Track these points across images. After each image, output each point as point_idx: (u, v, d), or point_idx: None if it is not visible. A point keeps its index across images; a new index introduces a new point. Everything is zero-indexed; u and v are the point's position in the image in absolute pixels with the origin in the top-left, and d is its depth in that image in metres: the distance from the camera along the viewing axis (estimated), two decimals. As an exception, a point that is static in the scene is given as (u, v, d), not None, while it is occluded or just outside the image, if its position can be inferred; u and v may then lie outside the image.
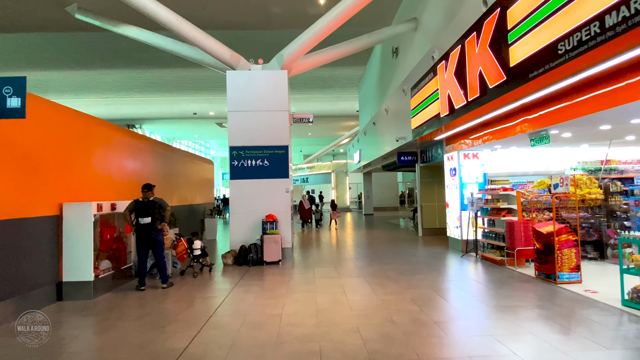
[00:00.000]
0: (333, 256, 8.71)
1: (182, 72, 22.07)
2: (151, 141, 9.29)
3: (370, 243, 10.69)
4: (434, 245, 9.98)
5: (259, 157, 8.41)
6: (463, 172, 8.95)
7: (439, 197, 11.79)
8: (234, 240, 8.30)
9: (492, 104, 5.96)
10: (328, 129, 32.01)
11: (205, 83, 24.41)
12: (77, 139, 6.03)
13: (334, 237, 12.37)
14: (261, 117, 8.47)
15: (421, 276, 6.51)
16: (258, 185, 8.38)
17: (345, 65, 23.47)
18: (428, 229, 11.72)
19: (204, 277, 6.92)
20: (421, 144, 11.24)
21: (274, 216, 8.19)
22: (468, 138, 8.41)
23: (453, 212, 9.28)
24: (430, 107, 8.24)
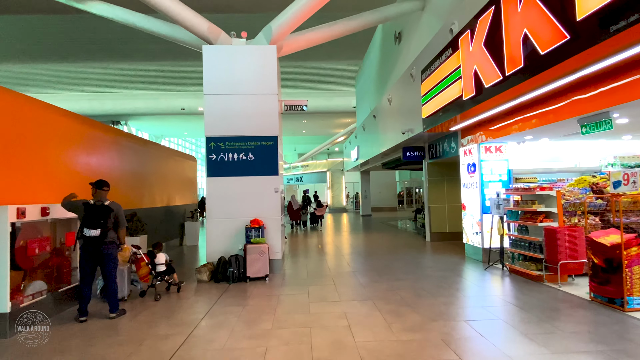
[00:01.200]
0: (331, 268, 7.23)
1: (169, 65, 20.68)
2: (114, 131, 7.72)
3: (373, 250, 9.23)
4: (446, 253, 8.54)
5: (242, 149, 6.90)
6: (484, 168, 7.52)
7: (449, 197, 10.36)
8: (211, 250, 6.78)
9: (539, 78, 4.53)
10: (323, 126, 30.60)
11: (193, 77, 22.97)
12: None
13: (330, 243, 10.88)
14: (245, 102, 6.95)
15: (445, 299, 5.05)
16: (241, 183, 6.87)
17: (341, 59, 22.18)
18: (437, 233, 10.29)
19: (170, 299, 5.40)
20: (429, 138, 9.81)
21: (260, 221, 6.69)
22: (492, 127, 6.98)
23: (471, 216, 7.85)
24: (448, 90, 6.80)
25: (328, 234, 13.21)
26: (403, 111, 9.93)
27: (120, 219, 4.66)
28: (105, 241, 4.56)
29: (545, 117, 5.51)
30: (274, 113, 7.00)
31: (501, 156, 7.56)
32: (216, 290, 5.83)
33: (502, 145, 7.57)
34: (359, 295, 5.31)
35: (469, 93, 6.01)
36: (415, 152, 10.45)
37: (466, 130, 7.99)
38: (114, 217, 4.62)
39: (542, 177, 7.79)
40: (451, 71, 6.63)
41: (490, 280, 6.12)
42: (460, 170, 8.26)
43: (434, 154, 9.95)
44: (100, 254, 4.62)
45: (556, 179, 7.65)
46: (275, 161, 6.94)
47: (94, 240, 4.51)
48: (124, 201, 7.64)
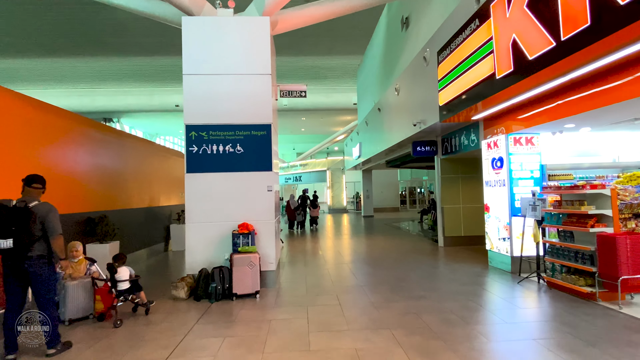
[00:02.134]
0: (334, 280, 6.07)
1: (163, 60, 19.59)
2: (80, 120, 6.55)
3: (380, 257, 8.07)
4: (465, 261, 7.40)
5: (228, 140, 5.74)
6: (513, 163, 6.38)
7: (465, 196, 9.22)
8: (191, 261, 5.62)
9: (611, 39, 3.39)
10: (322, 124, 29.48)
11: None
12: None
13: (332, 248, 9.72)
14: (232, 84, 5.80)
15: (481, 326, 3.91)
16: (227, 181, 5.72)
17: (341, 54, 21.09)
18: (451, 237, 9.14)
19: (134, 325, 4.24)
20: (443, 130, 8.67)
21: (250, 226, 5.53)
22: (522, 115, 5.86)
23: (497, 218, 6.70)
24: (474, 70, 5.65)
25: (328, 237, 12.05)
26: (413, 101, 8.78)
27: (49, 225, 3.47)
28: (28, 255, 3.39)
29: (603, 97, 4.38)
30: (267, 97, 5.84)
31: (533, 149, 6.42)
32: (194, 312, 4.67)
33: (533, 137, 6.44)
34: (372, 322, 4.15)
35: (504, 69, 4.86)
36: (427, 147, 9.30)
37: (490, 120, 6.85)
38: (40, 222, 3.45)
39: (577, 173, 6.67)
40: (478, 46, 5.49)
41: (528, 297, 4.97)
42: (483, 166, 7.11)
43: (448, 149, 8.80)
44: (23, 273, 3.46)
45: (594, 175, 6.53)
46: (268, 154, 5.79)
47: (11, 253, 3.34)
48: (93, 202, 6.53)
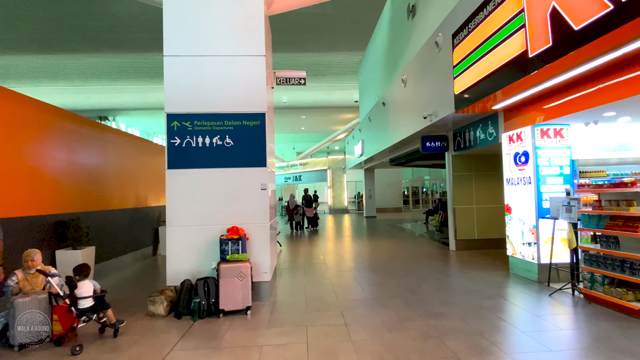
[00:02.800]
0: (338, 292, 5.28)
1: (158, 56, 18.83)
2: (49, 109, 5.76)
3: (388, 263, 7.28)
4: (483, 267, 6.60)
5: (216, 131, 4.95)
6: (541, 158, 5.59)
7: (479, 196, 8.43)
8: (173, 270, 4.84)
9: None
10: (323, 123, 28.73)
11: None
12: None
13: (334, 251, 8.93)
14: (221, 67, 5.01)
15: (523, 355, 3.12)
16: (214, 178, 4.93)
17: (342, 50, 20.44)
18: (464, 240, 8.35)
19: (99, 350, 3.45)
20: (455, 124, 7.89)
21: (240, 230, 4.74)
22: (551, 104, 5.08)
23: (520, 221, 5.91)
24: (500, 49, 4.86)
25: (330, 239, 11.25)
26: (423, 91, 7.99)
27: None
28: None
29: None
30: (261, 82, 5.05)
31: (562, 142, 5.64)
32: (173, 333, 3.88)
33: (563, 128, 5.65)
34: (386, 349, 3.36)
35: (539, 45, 4.07)
36: (437, 142, 8.51)
37: (512, 111, 6.06)
38: None
39: (611, 169, 5.88)
40: (505, 22, 4.70)
41: (566, 315, 4.18)
42: (503, 162, 6.32)
43: (460, 144, 8.01)
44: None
45: (630, 172, 5.74)
46: (261, 147, 5.00)
47: None
48: (65, 202, 5.74)
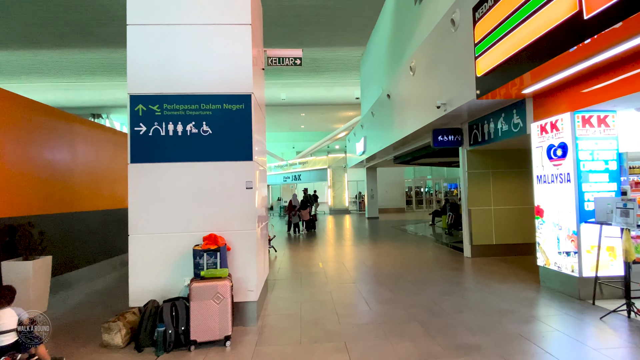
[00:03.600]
0: (340, 313, 4.33)
1: None
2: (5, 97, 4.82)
3: (397, 273, 6.33)
4: (507, 279, 5.65)
5: (191, 117, 4.01)
6: (582, 151, 4.65)
7: (497, 196, 7.48)
8: (136, 289, 3.89)
9: None
10: (323, 121, 27.82)
11: None
12: None
13: (335, 258, 7.99)
14: (197, 38, 4.07)
15: None
16: (188, 174, 3.98)
17: (343, 45, 19.55)
18: (480, 246, 7.40)
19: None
20: (470, 115, 6.95)
21: (219, 239, 3.80)
22: (593, 87, 4.14)
23: (556, 226, 4.96)
24: (540, 16, 3.90)
25: (330, 243, 10.30)
26: (436, 78, 7.04)
27: None
28: None
29: None
30: (246, 57, 4.10)
31: (608, 132, 4.69)
32: (124, 377, 2.94)
33: (608, 116, 4.71)
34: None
35: (601, 2, 3.13)
36: (450, 135, 7.56)
37: (545, 95, 5.12)
38: None
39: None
40: (548, -20, 3.75)
41: (630, 346, 3.23)
42: (533, 157, 5.37)
43: (477, 138, 7.06)
44: None
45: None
46: (246, 137, 4.05)
47: None
48: (13, 203, 4.80)
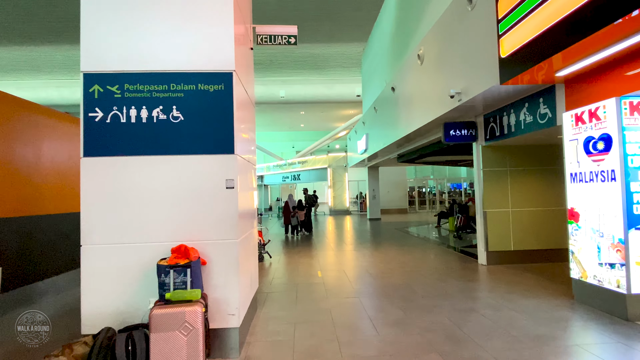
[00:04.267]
0: (341, 340, 3.56)
1: None
2: None
3: (406, 285, 5.55)
4: (531, 292, 4.87)
5: (158, 100, 3.24)
6: (630, 144, 3.88)
7: (516, 197, 6.71)
8: (89, 313, 3.12)
9: None
10: (323, 119, 27.10)
11: None
12: None
13: (335, 266, 7.22)
14: (166, 3, 3.29)
15: None
16: (154, 171, 3.21)
17: (343, 41, 18.91)
18: (497, 252, 6.63)
19: None
20: (486, 106, 6.19)
21: (191, 251, 3.02)
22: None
23: (597, 232, 4.18)
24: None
25: (330, 247, 9.53)
26: (448, 65, 6.26)
27: None
28: None
29: None
30: (227, 28, 3.33)
31: (660, 121, 3.92)
32: None
33: (661, 102, 3.94)
34: None
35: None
36: (463, 130, 6.79)
37: (580, 80, 4.36)
38: None
39: None
40: None
41: None
42: (566, 151, 4.60)
43: (494, 132, 6.29)
44: None
45: None
46: (227, 124, 3.27)
47: None
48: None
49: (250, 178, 4.10)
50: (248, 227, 3.79)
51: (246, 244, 3.68)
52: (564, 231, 5.33)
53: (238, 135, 3.37)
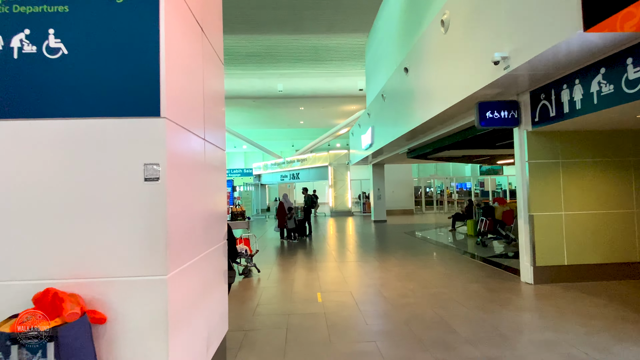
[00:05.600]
0: None
1: None
2: None
3: (440, 320, 4.05)
4: (617, 328, 3.37)
5: (23, 21, 1.74)
6: None
7: (571, 198, 5.20)
8: None
9: None
10: (324, 115, 25.63)
11: None
12: None
13: (338, 286, 5.72)
14: None
15: None
16: (10, 148, 1.71)
17: (345, 31, 17.51)
18: (547, 268, 5.12)
19: None
20: (533, 81, 4.70)
21: (68, 301, 1.53)
22: None
23: None
24: None
25: (331, 258, 8.03)
26: (487, 24, 4.74)
27: None
28: None
29: None
30: None
31: None
32: None
33: None
34: None
35: None
36: (503, 111, 5.28)
37: None
38: None
39: None
40: None
41: None
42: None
43: (548, 112, 4.78)
44: None
45: None
46: (147, 64, 1.77)
47: None
48: None
49: (211, 168, 2.60)
50: (199, 249, 2.28)
51: (195, 277, 2.17)
52: (638, 240, 3.84)
53: (172, 83, 1.87)
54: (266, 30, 17.70)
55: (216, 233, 2.75)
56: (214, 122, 2.72)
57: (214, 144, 2.68)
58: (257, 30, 17.84)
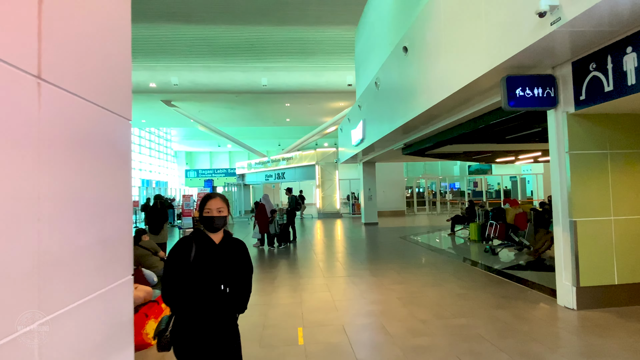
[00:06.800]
0: None
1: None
2: None
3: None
4: None
5: None
6: None
7: (623, 199, 4.07)
8: None
9: None
10: (311, 112, 24.40)
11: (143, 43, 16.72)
12: None
13: (325, 315, 4.45)
14: None
15: None
16: None
17: (334, 24, 16.39)
18: (593, 289, 3.97)
19: None
20: (576, 48, 3.54)
21: None
22: None
23: None
24: None
25: (319, 268, 6.75)
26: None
27: None
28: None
29: None
30: None
31: None
32: None
33: None
34: None
35: None
36: (536, 88, 4.10)
37: None
38: None
39: None
40: None
41: None
42: None
43: (601, 87, 3.61)
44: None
45: None
46: None
47: None
48: None
49: (62, 136, 1.28)
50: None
51: None
52: None
53: None
54: (249, 20, 16.42)
55: (107, 262, 1.43)
56: (73, 47, 1.35)
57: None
58: (239, 20, 16.52)
